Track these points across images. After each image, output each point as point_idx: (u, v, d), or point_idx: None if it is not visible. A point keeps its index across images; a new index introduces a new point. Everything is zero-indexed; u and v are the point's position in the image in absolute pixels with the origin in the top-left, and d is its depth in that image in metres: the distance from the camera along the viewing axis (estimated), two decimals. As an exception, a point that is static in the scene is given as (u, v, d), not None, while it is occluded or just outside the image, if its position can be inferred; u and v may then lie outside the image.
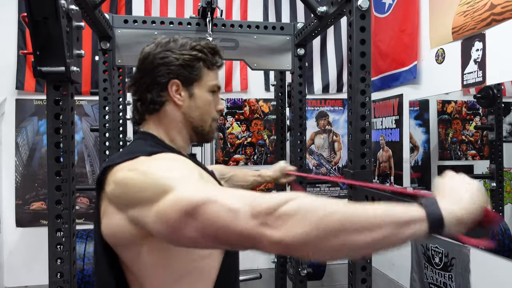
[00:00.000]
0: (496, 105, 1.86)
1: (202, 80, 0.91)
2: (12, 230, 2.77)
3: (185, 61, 0.89)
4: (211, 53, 0.93)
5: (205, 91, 0.92)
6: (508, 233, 1.76)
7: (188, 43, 0.92)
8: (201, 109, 0.92)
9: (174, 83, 0.89)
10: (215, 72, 0.95)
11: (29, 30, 1.04)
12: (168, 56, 0.89)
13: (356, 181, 1.27)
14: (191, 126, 0.93)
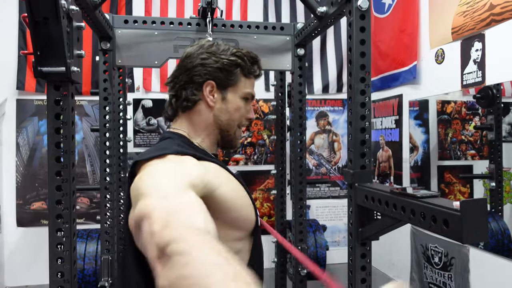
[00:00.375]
0: (496, 105, 1.86)
1: (237, 86, 0.95)
2: (12, 230, 2.78)
3: (223, 64, 0.93)
4: (250, 62, 0.97)
5: (237, 97, 0.96)
6: (507, 233, 1.76)
7: (230, 49, 0.95)
8: (230, 113, 0.96)
9: (209, 83, 0.93)
10: (251, 80, 1.00)
11: (30, 30, 1.04)
12: (208, 58, 0.93)
13: (356, 181, 1.27)
14: (219, 129, 0.96)
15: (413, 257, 2.48)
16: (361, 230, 1.26)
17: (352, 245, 1.29)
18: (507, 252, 1.74)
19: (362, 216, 1.27)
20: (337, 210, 3.27)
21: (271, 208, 3.11)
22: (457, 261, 2.03)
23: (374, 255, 1.33)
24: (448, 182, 2.22)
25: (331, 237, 3.25)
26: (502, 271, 1.74)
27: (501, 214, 1.83)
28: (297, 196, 2.10)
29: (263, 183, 3.12)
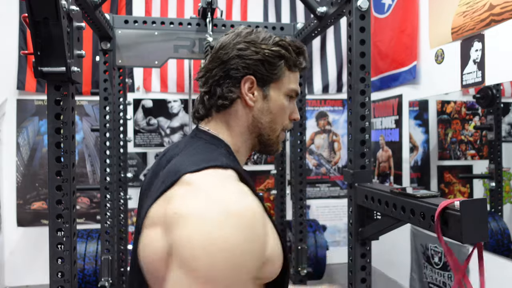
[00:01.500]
0: (495, 105, 1.86)
1: (280, 81, 0.80)
2: (13, 230, 2.78)
3: (265, 56, 0.77)
4: (296, 52, 0.81)
5: (281, 94, 0.80)
6: (507, 233, 1.77)
7: (272, 37, 0.80)
8: (273, 114, 0.80)
9: (248, 79, 0.77)
10: (296, 75, 0.82)
11: (30, 30, 1.04)
12: (246, 48, 0.77)
13: (356, 181, 1.27)
14: (258, 132, 0.81)
15: (413, 257, 2.48)
16: (361, 230, 1.26)
17: (352, 245, 1.29)
18: (507, 252, 1.74)
19: (362, 216, 1.28)
20: (337, 210, 3.27)
21: (271, 208, 3.11)
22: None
23: (374, 255, 1.33)
24: (448, 182, 2.22)
25: (331, 237, 3.25)
26: (502, 271, 1.74)
27: (501, 214, 1.83)
28: (297, 196, 2.11)
29: (263, 183, 3.12)
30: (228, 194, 0.62)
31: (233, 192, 0.63)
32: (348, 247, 1.33)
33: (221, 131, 0.79)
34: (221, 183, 0.64)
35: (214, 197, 0.60)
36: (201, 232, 0.57)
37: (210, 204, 0.59)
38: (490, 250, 1.79)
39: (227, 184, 0.64)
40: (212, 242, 0.56)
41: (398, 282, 2.75)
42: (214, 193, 0.61)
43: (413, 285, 2.48)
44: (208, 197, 0.60)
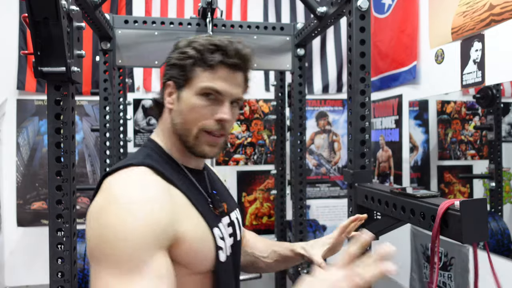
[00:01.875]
0: (495, 105, 1.86)
1: (192, 82, 0.81)
2: (13, 230, 2.78)
3: (176, 59, 0.82)
4: (210, 50, 0.81)
5: (192, 94, 0.81)
6: (507, 233, 1.77)
7: (191, 40, 0.83)
8: (183, 114, 0.81)
9: (168, 84, 0.84)
10: (214, 72, 0.81)
11: (30, 30, 1.04)
12: (169, 55, 0.86)
13: (356, 181, 1.27)
14: (177, 133, 0.84)
15: (413, 257, 2.48)
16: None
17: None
18: (507, 252, 1.74)
19: (362, 216, 1.27)
20: (337, 210, 3.27)
21: (271, 208, 3.11)
22: (457, 261, 2.03)
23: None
24: (448, 182, 2.22)
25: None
26: (502, 271, 1.74)
27: (501, 214, 1.83)
28: (297, 196, 2.11)
29: (263, 183, 3.12)
30: (123, 186, 0.72)
31: (129, 184, 0.72)
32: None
33: (157, 134, 0.88)
34: (123, 179, 0.74)
35: (110, 192, 0.71)
36: (93, 221, 0.69)
37: (105, 197, 0.71)
38: (490, 250, 1.79)
39: (128, 179, 0.74)
40: (97, 227, 0.68)
41: (398, 282, 2.75)
42: (111, 188, 0.72)
43: (413, 285, 2.48)
44: (106, 192, 0.72)
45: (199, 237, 0.77)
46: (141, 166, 0.76)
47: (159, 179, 0.76)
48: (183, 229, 0.74)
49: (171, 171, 0.81)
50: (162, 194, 0.73)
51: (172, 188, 0.78)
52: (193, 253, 0.75)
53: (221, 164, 3.06)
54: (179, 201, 0.77)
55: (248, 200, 3.10)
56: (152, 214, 0.68)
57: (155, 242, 0.68)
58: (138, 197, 0.69)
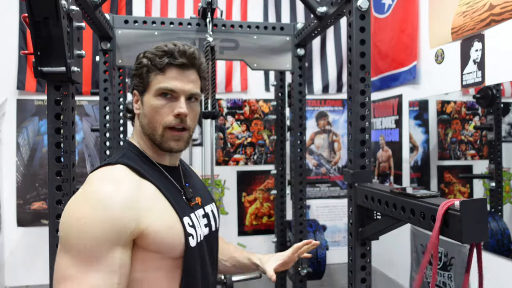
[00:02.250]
0: (495, 105, 1.86)
1: (150, 86, 0.91)
2: (13, 230, 2.78)
3: (135, 70, 0.94)
4: (159, 56, 0.90)
5: (151, 96, 0.90)
6: (507, 233, 1.77)
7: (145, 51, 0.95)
8: (147, 116, 0.91)
9: (134, 93, 0.95)
10: (167, 73, 0.90)
11: (30, 30, 1.04)
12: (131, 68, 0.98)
13: (356, 181, 1.27)
14: (146, 134, 0.93)
15: (413, 257, 2.48)
16: (361, 230, 1.27)
17: (352, 245, 1.29)
18: (507, 252, 1.74)
19: (362, 216, 1.28)
20: (337, 210, 3.27)
21: (271, 208, 3.11)
22: (457, 261, 2.03)
23: (374, 255, 1.34)
24: (448, 182, 2.22)
25: (331, 237, 3.25)
26: (502, 271, 1.74)
27: (501, 214, 1.83)
28: (297, 196, 2.11)
29: (263, 183, 3.12)
30: (94, 182, 0.82)
31: (98, 180, 0.83)
32: (348, 247, 1.33)
33: (133, 136, 0.98)
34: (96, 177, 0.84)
35: (84, 187, 0.82)
36: (66, 209, 0.79)
37: (80, 191, 0.81)
38: (490, 250, 1.79)
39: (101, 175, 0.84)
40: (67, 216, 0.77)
41: (398, 282, 2.75)
42: (86, 184, 0.83)
43: (413, 285, 2.48)
44: (82, 187, 0.82)
45: (166, 225, 0.85)
46: (116, 164, 0.87)
47: (132, 175, 0.86)
48: (148, 222, 0.81)
49: (145, 167, 0.90)
50: (129, 191, 0.81)
51: (144, 182, 0.86)
52: (159, 241, 0.83)
53: (221, 164, 3.06)
54: (149, 194, 0.85)
55: (248, 200, 3.10)
56: (115, 213, 0.77)
57: (114, 238, 0.76)
58: (105, 194, 0.79)
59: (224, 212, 3.07)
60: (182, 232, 0.87)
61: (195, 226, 0.92)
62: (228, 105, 3.08)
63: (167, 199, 0.88)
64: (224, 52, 2.00)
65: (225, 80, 3.04)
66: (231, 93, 3.06)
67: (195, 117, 0.94)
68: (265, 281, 2.93)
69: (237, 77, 3.07)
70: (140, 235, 0.80)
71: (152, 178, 0.88)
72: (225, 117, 3.07)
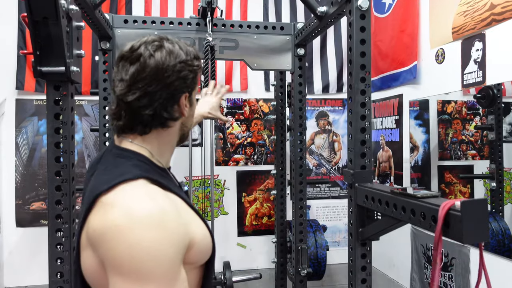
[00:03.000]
0: (496, 105, 1.86)
1: (195, 87, 0.90)
2: (12, 230, 2.77)
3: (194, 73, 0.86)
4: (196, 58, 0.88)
5: (194, 95, 0.91)
6: (508, 233, 1.76)
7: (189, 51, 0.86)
8: (193, 116, 0.93)
9: (186, 96, 0.85)
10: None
11: (29, 30, 1.04)
12: (183, 69, 0.83)
13: (356, 181, 1.27)
14: (182, 133, 0.91)
15: (413, 257, 2.48)
16: (361, 230, 1.26)
17: (352, 245, 1.29)
18: (508, 253, 1.73)
19: (362, 216, 1.27)
20: (337, 210, 3.27)
21: (271, 208, 3.10)
22: (457, 261, 2.02)
23: (374, 255, 1.33)
24: (449, 182, 2.22)
25: (331, 237, 3.24)
26: (503, 271, 1.74)
27: (502, 214, 1.83)
28: (297, 196, 2.10)
29: (263, 183, 3.11)
30: (136, 202, 0.71)
31: (140, 198, 0.71)
32: (348, 247, 1.32)
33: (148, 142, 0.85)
34: (129, 195, 0.72)
35: (124, 208, 0.69)
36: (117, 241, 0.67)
37: (121, 215, 0.68)
38: (491, 250, 1.79)
39: (135, 194, 0.73)
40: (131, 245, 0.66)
41: (398, 282, 2.75)
42: (124, 204, 0.70)
43: (414, 285, 2.48)
44: (117, 211, 0.69)
45: (203, 234, 0.81)
46: (138, 179, 0.75)
47: (159, 189, 0.77)
48: (192, 234, 0.77)
49: (161, 177, 0.82)
50: (171, 204, 0.75)
51: (171, 195, 0.79)
52: (200, 251, 0.80)
53: (221, 164, 3.05)
54: (181, 206, 0.80)
55: (248, 200, 3.09)
56: (176, 229, 0.71)
57: (181, 255, 0.72)
58: (158, 213, 0.70)
59: (224, 212, 3.07)
60: (210, 237, 0.85)
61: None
62: (228, 105, 3.07)
63: (190, 207, 0.84)
64: (224, 51, 2.00)
65: (225, 80, 3.03)
66: (231, 93, 3.06)
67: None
68: (265, 281, 2.93)
69: (237, 77, 3.07)
70: (190, 247, 0.76)
71: (172, 188, 0.81)
72: (225, 117, 3.07)
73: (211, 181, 2.83)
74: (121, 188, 0.73)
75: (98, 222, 0.70)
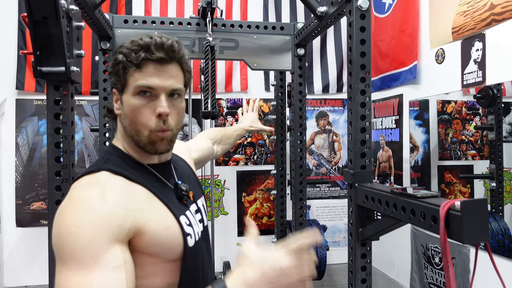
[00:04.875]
0: (496, 105, 1.86)
1: (128, 84, 0.84)
2: (12, 230, 2.77)
3: (111, 67, 0.87)
4: (134, 51, 0.83)
5: (130, 95, 0.83)
6: (508, 233, 1.76)
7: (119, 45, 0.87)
8: (129, 117, 0.84)
9: (113, 92, 0.89)
10: (145, 70, 0.82)
11: (29, 30, 1.04)
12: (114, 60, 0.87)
13: (356, 181, 1.27)
14: (129, 136, 0.86)
15: (413, 257, 2.48)
16: (361, 230, 1.26)
17: (352, 245, 1.29)
18: (508, 253, 1.73)
19: (362, 216, 1.27)
20: (337, 210, 3.27)
21: (271, 208, 3.10)
22: (457, 261, 2.02)
23: (374, 255, 1.33)
24: (449, 182, 2.22)
25: (331, 237, 3.24)
26: (503, 271, 1.74)
27: (502, 214, 1.83)
28: (297, 196, 2.10)
29: (263, 183, 3.11)
30: (80, 188, 0.77)
31: (85, 185, 0.78)
32: (348, 247, 1.32)
33: (116, 138, 0.91)
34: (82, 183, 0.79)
35: (70, 195, 0.77)
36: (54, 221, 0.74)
37: (65, 200, 0.76)
38: (491, 250, 1.79)
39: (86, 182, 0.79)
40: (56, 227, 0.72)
41: (398, 282, 2.75)
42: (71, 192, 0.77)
43: (414, 285, 2.48)
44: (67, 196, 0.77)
45: (163, 227, 0.81)
46: (100, 171, 0.81)
47: (119, 179, 0.81)
48: (143, 222, 0.77)
49: (132, 170, 0.85)
50: (119, 191, 0.78)
51: (134, 185, 0.82)
52: (157, 243, 0.79)
53: (221, 164, 3.05)
54: (141, 196, 0.81)
55: (248, 200, 3.09)
56: (105, 211, 0.73)
57: (109, 236, 0.71)
58: (93, 197, 0.74)
59: (224, 212, 3.07)
60: (180, 232, 0.84)
61: (192, 225, 0.89)
62: (228, 105, 3.07)
63: (160, 200, 0.84)
64: (224, 51, 2.00)
65: (225, 80, 3.03)
66: (231, 93, 3.06)
67: (179, 115, 0.87)
68: (265, 281, 2.93)
69: (237, 77, 3.07)
70: (137, 235, 0.76)
71: (142, 180, 0.83)
72: (225, 117, 3.07)
73: (211, 181, 2.83)
74: (83, 178, 0.80)
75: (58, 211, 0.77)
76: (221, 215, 3.06)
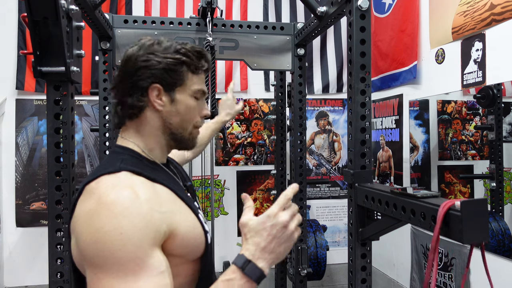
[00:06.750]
0: (496, 105, 1.86)
1: (185, 85, 0.88)
2: (12, 230, 2.77)
3: (168, 65, 0.85)
4: (196, 57, 0.89)
5: (187, 96, 0.89)
6: (508, 233, 1.76)
7: (173, 46, 0.87)
8: (181, 115, 0.89)
9: (155, 87, 0.85)
10: (200, 76, 0.92)
11: (29, 30, 1.04)
12: (150, 59, 0.85)
13: (356, 181, 1.27)
14: (169, 132, 0.89)
15: (413, 257, 2.48)
16: (361, 230, 1.26)
17: (352, 245, 1.29)
18: (508, 253, 1.73)
19: (362, 216, 1.27)
20: (337, 210, 3.27)
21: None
22: (457, 261, 2.02)
23: (374, 255, 1.33)
24: (449, 182, 2.22)
25: (331, 237, 3.24)
26: (503, 271, 1.74)
27: (502, 214, 1.83)
28: (297, 196, 2.10)
29: (263, 183, 3.11)
30: (109, 189, 0.74)
31: (113, 187, 0.74)
32: (348, 247, 1.32)
33: (133, 137, 0.89)
34: (107, 184, 0.75)
35: (96, 196, 0.73)
36: (85, 225, 0.71)
37: (93, 202, 0.72)
38: (491, 250, 1.79)
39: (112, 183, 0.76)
40: (94, 235, 0.69)
41: (398, 282, 2.75)
42: (100, 193, 0.73)
43: (414, 285, 2.48)
44: (93, 198, 0.73)
45: (190, 226, 0.82)
46: (120, 171, 0.79)
47: (141, 179, 0.80)
48: (175, 223, 0.78)
49: (149, 170, 0.85)
50: (150, 193, 0.77)
51: (157, 185, 0.82)
52: (186, 243, 0.80)
53: (221, 164, 3.05)
54: (166, 197, 0.82)
55: (248, 200, 3.09)
56: (145, 215, 0.72)
57: (152, 241, 0.71)
58: (128, 199, 0.72)
59: (224, 212, 3.07)
60: (202, 230, 0.85)
61: (206, 222, 0.91)
62: (228, 105, 3.07)
63: (182, 200, 0.85)
64: (224, 51, 2.00)
65: (225, 80, 3.03)
66: (231, 93, 3.06)
67: None
68: (265, 281, 2.93)
69: (237, 77, 3.07)
70: (170, 237, 0.76)
71: (162, 180, 0.84)
72: (225, 117, 3.07)
73: (211, 181, 2.83)
74: (103, 179, 0.77)
75: (78, 208, 0.75)
76: (221, 215, 3.06)
